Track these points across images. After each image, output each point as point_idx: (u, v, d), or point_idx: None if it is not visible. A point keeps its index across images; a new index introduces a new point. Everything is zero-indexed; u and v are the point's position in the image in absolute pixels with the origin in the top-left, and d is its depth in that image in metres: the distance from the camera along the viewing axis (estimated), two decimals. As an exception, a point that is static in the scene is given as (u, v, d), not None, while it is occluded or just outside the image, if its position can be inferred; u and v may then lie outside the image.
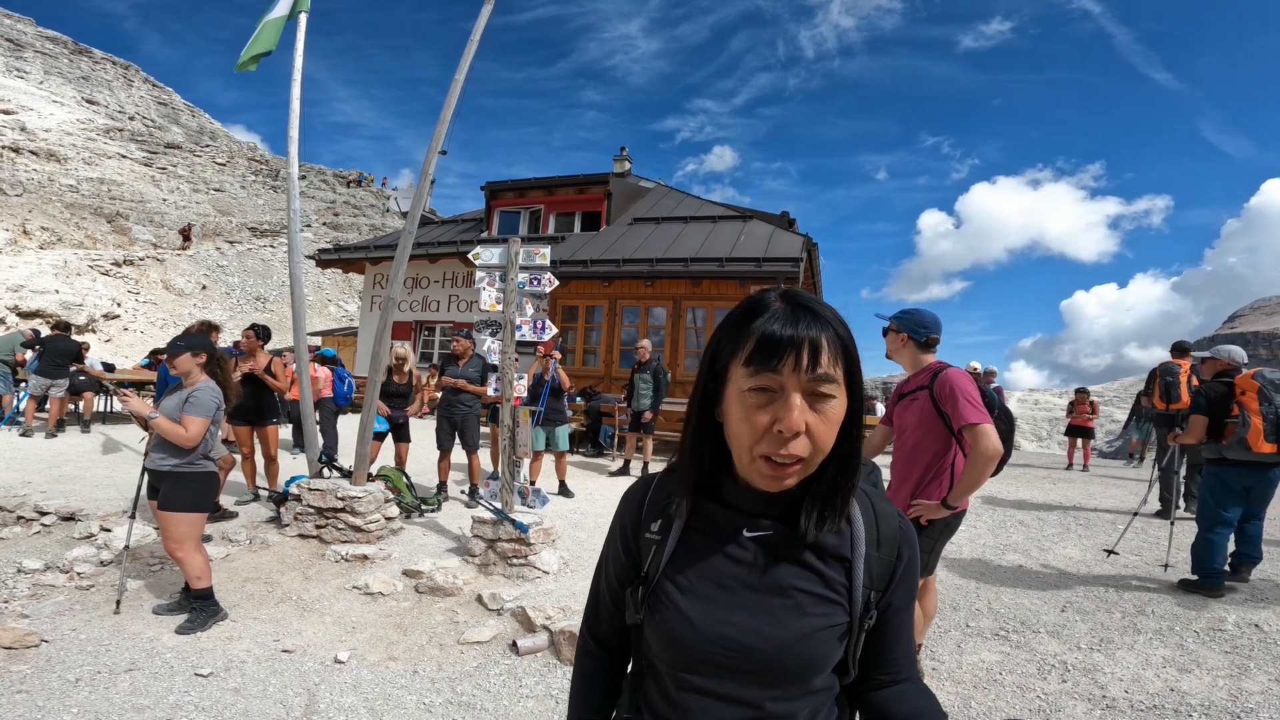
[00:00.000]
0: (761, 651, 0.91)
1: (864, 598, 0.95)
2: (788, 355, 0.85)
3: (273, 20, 6.25)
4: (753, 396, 0.87)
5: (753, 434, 0.87)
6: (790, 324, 0.87)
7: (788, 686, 0.92)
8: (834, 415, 0.88)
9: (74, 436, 9.80)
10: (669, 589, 0.97)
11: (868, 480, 1.11)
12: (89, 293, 23.33)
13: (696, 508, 1.00)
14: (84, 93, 48.90)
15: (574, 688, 1.16)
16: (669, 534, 1.01)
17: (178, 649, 3.62)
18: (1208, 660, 3.78)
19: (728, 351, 0.92)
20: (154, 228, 33.09)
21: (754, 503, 0.95)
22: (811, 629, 0.92)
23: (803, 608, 0.92)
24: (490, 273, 5.36)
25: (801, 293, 0.93)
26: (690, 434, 0.98)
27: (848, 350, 0.89)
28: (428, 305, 16.94)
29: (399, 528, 5.86)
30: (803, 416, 0.85)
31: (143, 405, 3.94)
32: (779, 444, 0.85)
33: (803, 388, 0.85)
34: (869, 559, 0.96)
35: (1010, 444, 3.14)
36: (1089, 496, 9.11)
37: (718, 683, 0.93)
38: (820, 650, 0.92)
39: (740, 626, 0.92)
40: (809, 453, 0.86)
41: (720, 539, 0.97)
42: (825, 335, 0.86)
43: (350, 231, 42.70)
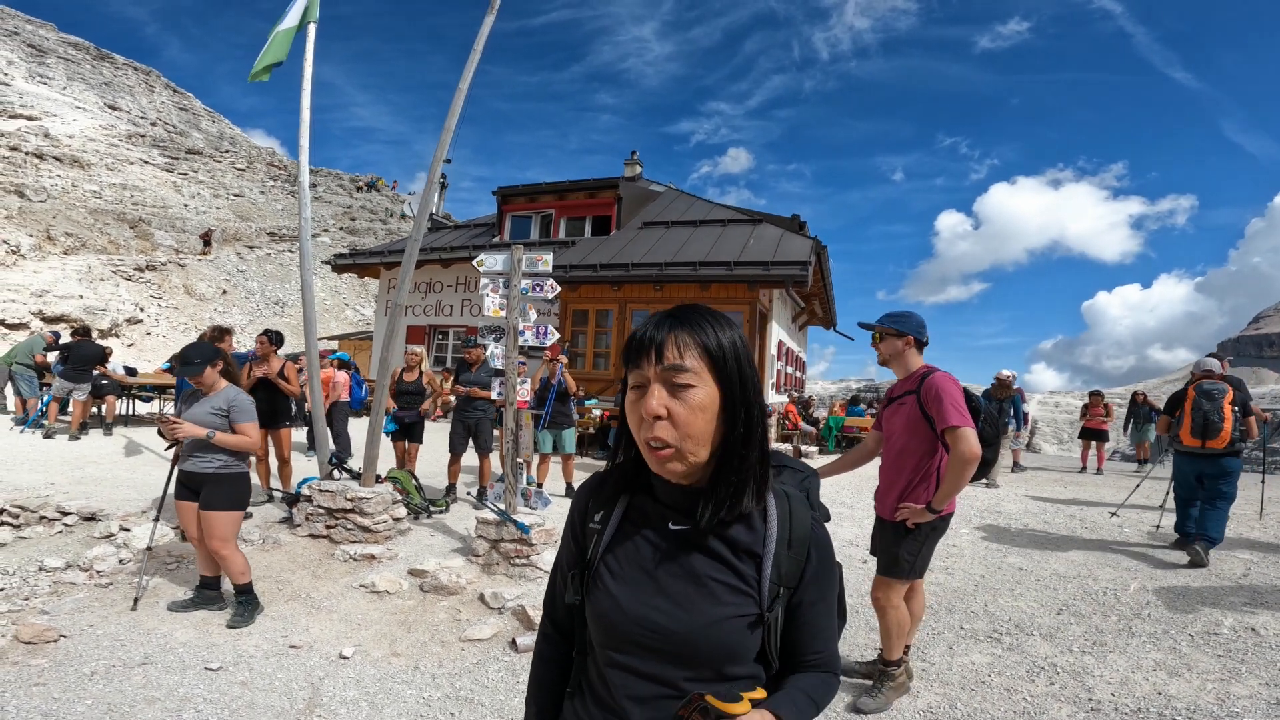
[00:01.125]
0: (677, 634, 1.01)
1: (771, 592, 1.03)
2: (646, 352, 0.99)
3: (283, 31, 6.41)
4: (633, 392, 1.02)
5: (634, 424, 1.02)
6: (652, 327, 1.02)
7: (700, 668, 1.01)
8: (694, 402, 0.98)
9: (96, 439, 10.04)
10: (603, 573, 1.09)
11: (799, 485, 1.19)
12: (112, 297, 23.78)
13: (632, 501, 1.12)
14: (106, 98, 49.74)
15: (531, 669, 1.26)
16: (608, 524, 1.12)
17: (190, 644, 3.76)
18: (1199, 664, 3.79)
19: (623, 360, 1.06)
20: (175, 233, 33.64)
21: (676, 496, 1.06)
22: (721, 616, 1.01)
23: (716, 596, 1.02)
24: (494, 279, 5.48)
25: (691, 306, 1.06)
26: (618, 433, 1.12)
27: (705, 346, 1.00)
28: (441, 309, 17.13)
29: (406, 528, 6.00)
30: (661, 403, 0.97)
31: (198, 430, 4.05)
32: (649, 429, 0.97)
33: (660, 378, 0.98)
34: (779, 556, 1.04)
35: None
36: (1098, 499, 9.09)
37: (640, 661, 1.03)
38: (730, 637, 1.01)
39: (660, 610, 1.02)
40: (674, 437, 0.97)
41: (649, 530, 1.08)
42: (676, 333, 0.99)
43: (367, 236, 43.15)
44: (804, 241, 13.69)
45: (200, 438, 4.06)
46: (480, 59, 5.95)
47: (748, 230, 14.83)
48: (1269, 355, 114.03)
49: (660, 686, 1.02)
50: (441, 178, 23.56)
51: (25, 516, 5.50)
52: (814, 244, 13.50)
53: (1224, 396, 5.94)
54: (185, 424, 4.02)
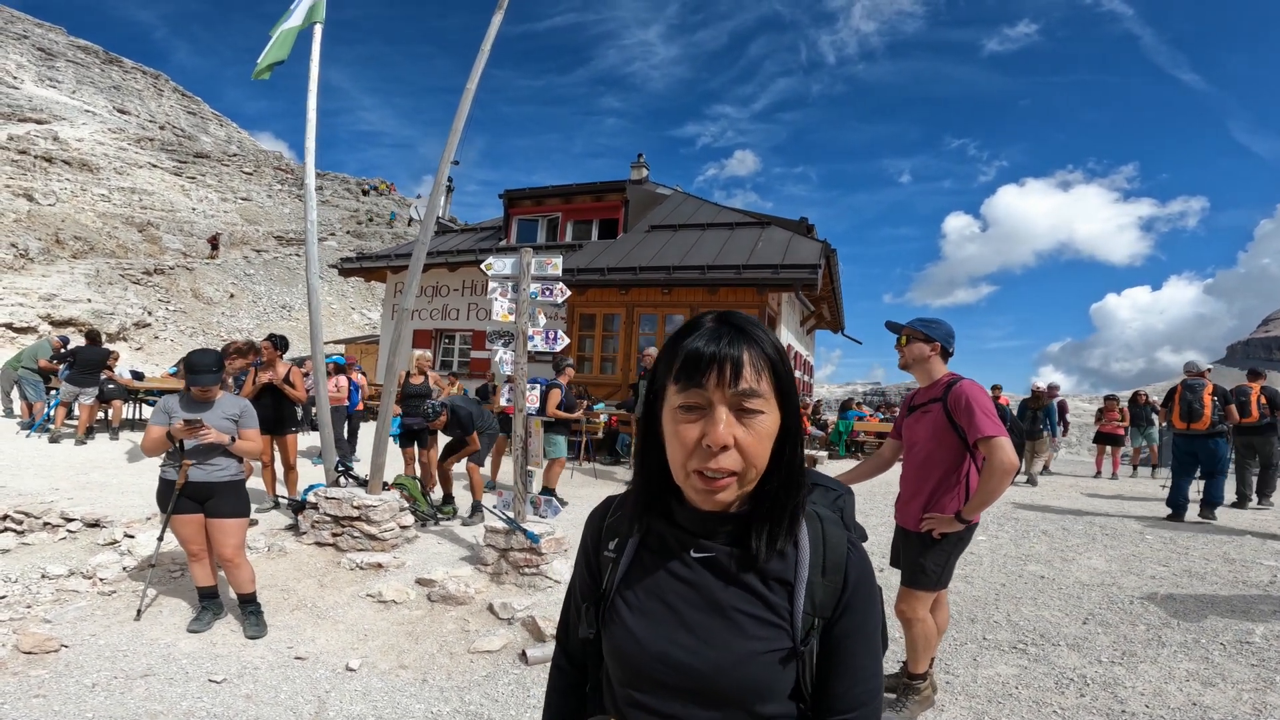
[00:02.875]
0: (701, 672, 0.91)
1: (805, 624, 0.93)
2: (711, 371, 0.87)
3: (288, 30, 6.33)
4: (683, 413, 0.89)
5: (684, 449, 0.89)
6: (715, 341, 0.90)
7: (729, 709, 0.91)
8: (763, 430, 0.89)
9: (103, 444, 10.00)
10: (620, 606, 0.99)
11: (833, 505, 1.10)
12: (120, 301, 23.82)
13: (650, 527, 1.01)
14: (115, 102, 50.05)
15: (545, 700, 1.18)
16: (624, 553, 1.03)
17: (193, 655, 3.67)
18: (1233, 673, 3.69)
19: (663, 371, 0.94)
20: (183, 237, 33.72)
21: (701, 523, 0.96)
22: (752, 652, 0.91)
23: (744, 630, 0.92)
24: (503, 283, 5.39)
25: (736, 314, 0.95)
26: (639, 452, 1.00)
27: (775, 367, 0.90)
28: (447, 313, 17.07)
29: (414, 536, 5.90)
30: (729, 430, 0.87)
31: (222, 436, 4.01)
32: (708, 458, 0.87)
33: (728, 402, 0.87)
34: (812, 585, 0.95)
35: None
36: (1117, 505, 8.94)
37: (661, 701, 0.94)
38: (760, 674, 0.91)
39: (682, 646, 0.93)
40: (740, 467, 0.88)
41: (669, 559, 0.98)
42: (750, 352, 0.89)
43: (373, 240, 43.21)
44: (813, 244, 13.58)
45: (224, 443, 4.02)
46: (487, 61, 5.87)
47: (756, 233, 14.73)
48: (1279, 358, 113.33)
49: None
50: (448, 181, 23.54)
51: (29, 523, 5.43)
52: (823, 246, 13.39)
53: (1204, 389, 7.76)
54: (213, 432, 3.96)
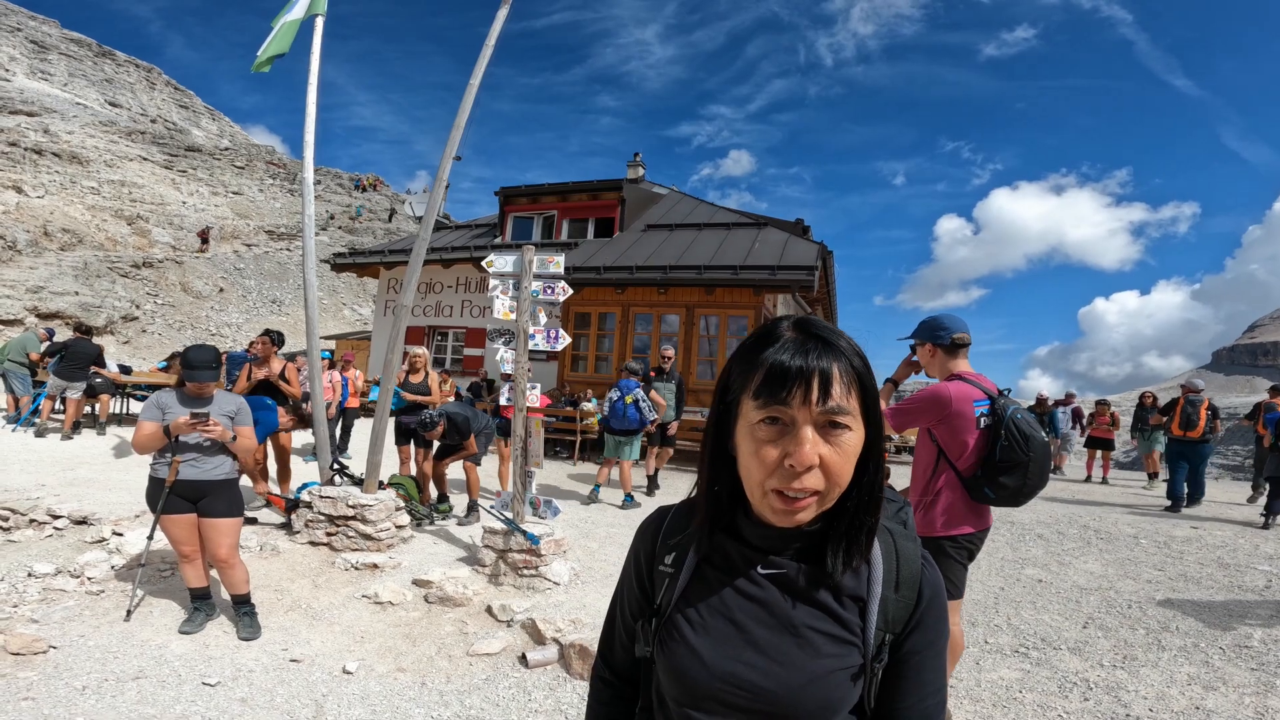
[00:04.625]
0: (772, 692, 0.88)
1: (877, 640, 0.91)
2: (797, 387, 0.82)
3: (289, 23, 6.25)
4: (763, 429, 0.84)
5: (763, 468, 0.84)
6: (800, 354, 0.84)
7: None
8: (849, 448, 0.84)
9: (89, 439, 9.86)
10: (680, 623, 0.95)
11: (896, 518, 1.07)
12: (108, 294, 23.54)
13: (712, 542, 0.97)
14: (107, 95, 49.51)
15: (589, 713, 1.14)
16: (682, 568, 0.98)
17: (186, 657, 3.60)
18: (1234, 677, 3.71)
19: (738, 384, 0.89)
20: (173, 230, 33.38)
21: (769, 539, 0.92)
22: (825, 671, 0.88)
23: (817, 648, 0.89)
24: (504, 281, 5.33)
25: (816, 321, 0.90)
26: (706, 467, 0.95)
27: (862, 381, 0.86)
28: (441, 310, 16.96)
29: (409, 536, 5.83)
30: (815, 450, 0.82)
31: (226, 432, 3.95)
32: (790, 478, 0.82)
33: (814, 420, 0.82)
34: (885, 600, 0.91)
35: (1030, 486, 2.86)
36: (1109, 509, 8.97)
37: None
38: (833, 693, 0.88)
39: (751, 665, 0.89)
40: (823, 486, 0.83)
41: (734, 575, 0.94)
42: (838, 366, 0.84)
43: (365, 235, 42.94)
44: (810, 246, 13.56)
45: (226, 440, 3.95)
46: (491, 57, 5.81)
47: (752, 234, 14.70)
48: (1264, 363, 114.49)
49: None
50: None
51: (15, 519, 5.32)
52: (820, 248, 13.38)
53: (1202, 404, 9.32)
54: (218, 428, 3.87)
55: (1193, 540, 6.95)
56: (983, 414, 2.92)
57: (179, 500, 3.93)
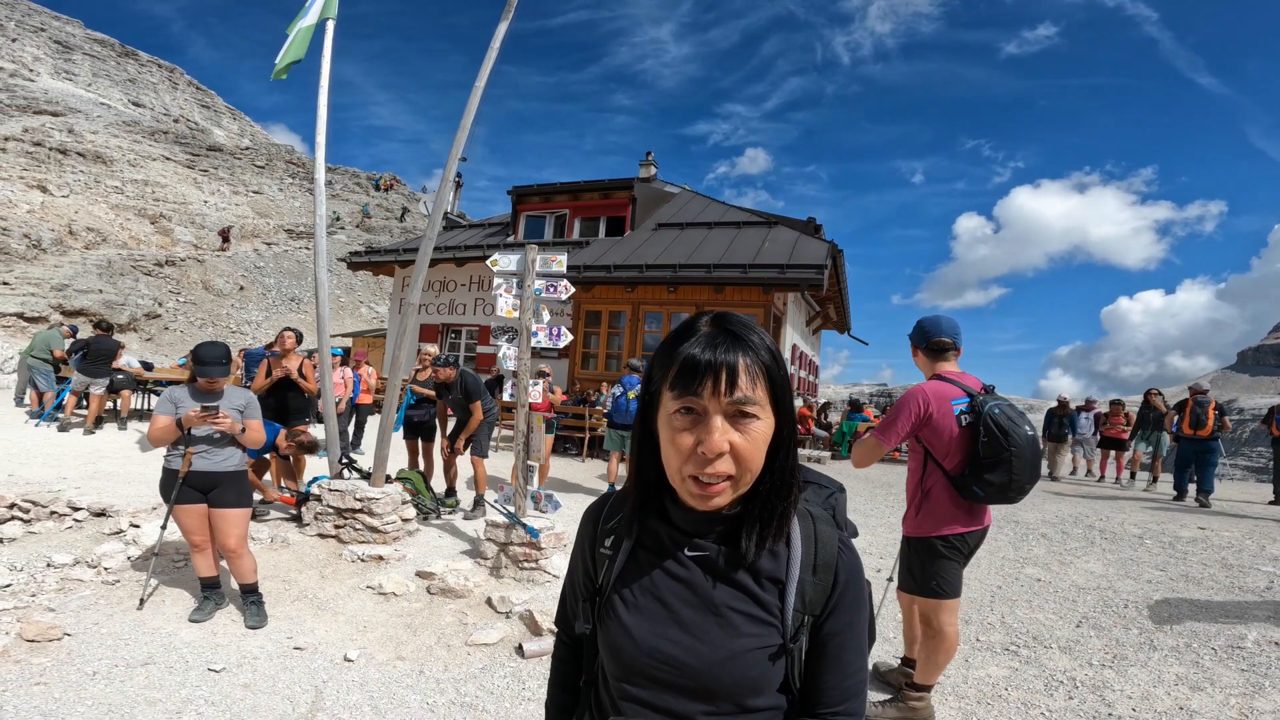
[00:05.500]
0: (693, 668, 0.94)
1: (795, 621, 0.96)
2: (707, 379, 0.88)
3: (304, 28, 6.39)
4: (678, 419, 0.90)
5: (679, 455, 0.90)
6: (711, 348, 0.90)
7: (719, 702, 0.94)
8: (758, 435, 0.90)
9: (111, 434, 10.11)
10: (616, 603, 1.02)
11: (825, 503, 1.12)
12: (131, 292, 24.01)
13: (645, 525, 1.03)
14: (130, 95, 50.37)
15: (551, 669, 1.23)
16: (619, 550, 1.05)
17: (194, 644, 3.73)
18: (1222, 678, 3.71)
19: (659, 376, 0.95)
20: (195, 229, 33.94)
21: (694, 522, 0.98)
22: (743, 649, 0.93)
23: (736, 627, 0.94)
24: (507, 279, 5.43)
25: (732, 317, 0.96)
26: (635, 454, 1.02)
27: (770, 374, 0.91)
28: (454, 308, 17.15)
29: (415, 529, 5.96)
30: (725, 437, 0.88)
31: (235, 425, 4.11)
32: (704, 464, 0.88)
33: (724, 410, 0.88)
34: (803, 583, 0.97)
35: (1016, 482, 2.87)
36: (1118, 509, 8.93)
37: (654, 695, 0.96)
38: (750, 670, 0.93)
39: (675, 642, 0.95)
40: (735, 471, 0.89)
41: (664, 557, 1.00)
42: (745, 359, 0.89)
43: (382, 234, 43.39)
44: (820, 245, 13.58)
45: (235, 432, 4.11)
46: (497, 60, 5.91)
47: (763, 233, 14.73)
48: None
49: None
50: (458, 176, 23.61)
51: (36, 511, 5.50)
52: (830, 247, 13.38)
53: (1209, 404, 9.86)
54: (227, 419, 4.03)
55: (1199, 541, 6.92)
56: (962, 411, 2.96)
57: (191, 491, 4.09)
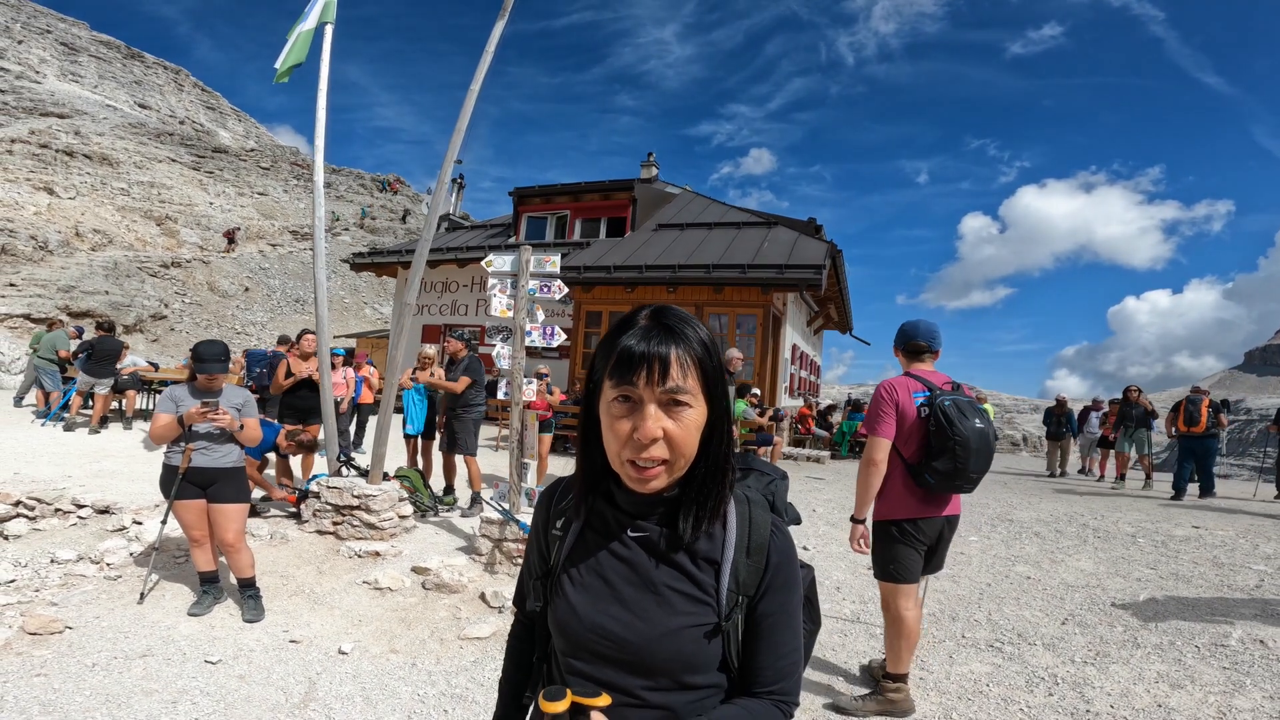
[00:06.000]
0: (631, 643, 0.99)
1: (730, 601, 1.00)
2: (641, 369, 0.94)
3: (304, 32, 6.47)
4: (616, 406, 0.96)
5: (618, 440, 0.96)
6: (645, 340, 0.96)
7: (658, 678, 1.00)
8: (691, 423, 0.96)
9: (116, 433, 10.23)
10: (564, 581, 1.07)
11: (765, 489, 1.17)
12: (137, 294, 24.19)
13: (593, 508, 1.09)
14: (136, 97, 50.65)
15: (507, 648, 1.28)
16: (569, 531, 1.11)
17: (192, 637, 3.82)
18: (1203, 676, 3.73)
19: (600, 366, 1.01)
20: (200, 230, 34.17)
21: (637, 504, 1.04)
22: (678, 626, 0.99)
23: (672, 606, 1.00)
24: (501, 279, 5.51)
25: (670, 311, 1.02)
26: (581, 440, 1.08)
27: (702, 364, 0.97)
28: (456, 309, 17.25)
29: (412, 526, 6.05)
30: (658, 424, 0.93)
31: (234, 421, 4.23)
32: (639, 449, 0.94)
33: (657, 398, 0.94)
34: (736, 564, 1.02)
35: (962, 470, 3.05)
36: (1113, 508, 8.96)
37: (597, 669, 1.02)
38: (686, 647, 0.99)
39: (615, 619, 1.01)
40: (669, 456, 0.95)
41: (609, 537, 1.06)
42: (677, 351, 0.95)
43: (386, 235, 43.57)
44: (819, 245, 13.63)
45: (235, 429, 4.22)
46: (496, 61, 5.99)
47: (762, 233, 14.79)
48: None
49: (621, 695, 1.00)
50: (459, 178, 23.72)
51: (41, 509, 5.60)
52: (829, 247, 13.43)
53: (1202, 402, 10.25)
54: (226, 415, 4.14)
55: (1192, 539, 6.96)
56: (921, 404, 3.16)
57: (190, 486, 4.19)
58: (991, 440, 3.09)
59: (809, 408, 16.48)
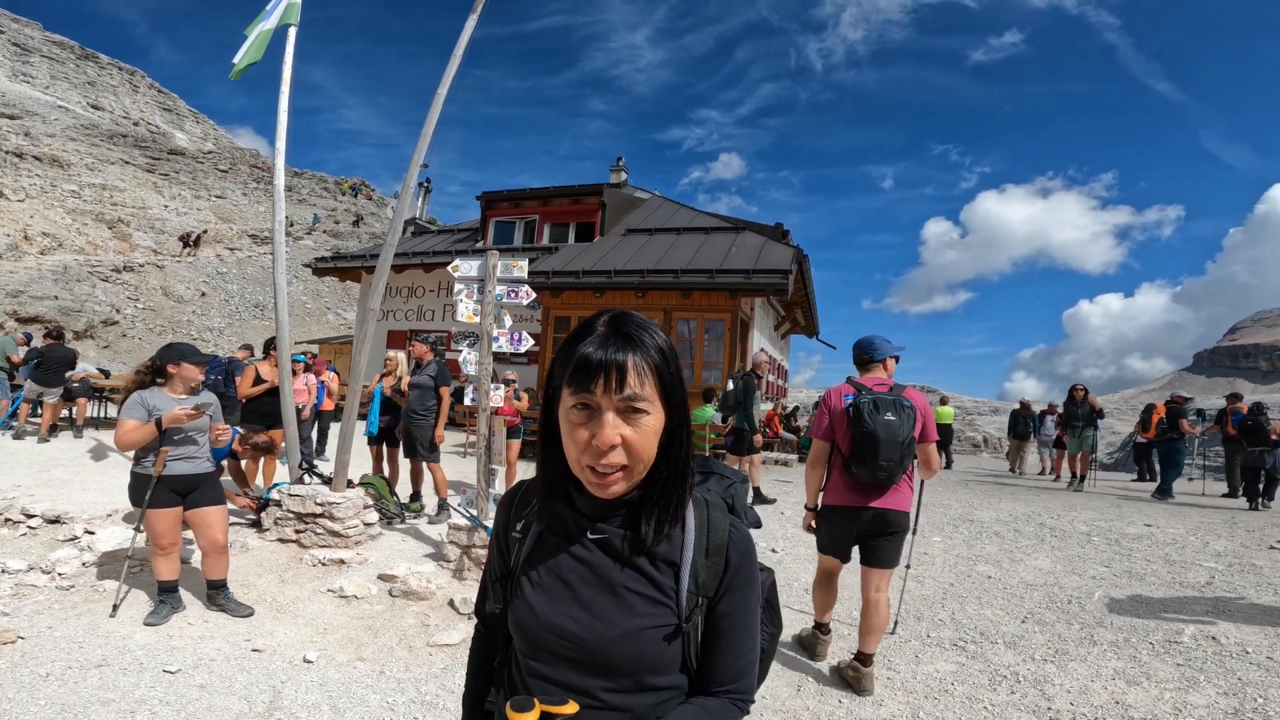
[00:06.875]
0: (589, 643, 1.00)
1: (690, 602, 1.02)
2: (599, 377, 0.94)
3: (264, 31, 6.36)
4: (575, 414, 0.97)
5: (577, 447, 0.97)
6: (603, 348, 0.96)
7: (618, 679, 1.00)
8: (649, 429, 0.97)
9: (66, 441, 9.89)
10: (524, 583, 1.08)
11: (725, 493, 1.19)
12: (88, 299, 23.47)
13: (553, 511, 1.09)
14: (89, 98, 49.29)
15: (469, 661, 1.28)
16: (529, 534, 1.11)
17: (149, 646, 3.71)
18: (1158, 673, 3.82)
19: (559, 373, 1.01)
20: (155, 234, 33.30)
21: (597, 508, 1.04)
22: (638, 627, 1.00)
23: (632, 607, 1.01)
24: (468, 284, 5.48)
25: (629, 318, 1.02)
26: (540, 444, 1.08)
27: (659, 371, 0.98)
28: (422, 314, 17.07)
29: (378, 533, 5.95)
30: (616, 431, 0.94)
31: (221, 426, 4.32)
32: (599, 455, 0.95)
33: (615, 406, 0.95)
34: (696, 566, 1.03)
35: (871, 460, 3.45)
36: (1069, 507, 9.20)
37: (557, 670, 1.02)
38: (646, 648, 1.00)
39: (574, 619, 1.01)
40: (628, 461, 0.96)
41: (569, 540, 1.07)
42: (634, 358, 0.96)
43: (351, 239, 42.92)
44: (785, 250, 13.78)
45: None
46: (466, 64, 5.97)
47: (730, 238, 14.90)
48: (1245, 366, 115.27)
49: (582, 696, 1.00)
50: (426, 181, 23.49)
51: (-11, 519, 5.41)
52: (795, 252, 13.59)
53: (1154, 411, 11.29)
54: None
55: (1144, 537, 7.17)
56: (849, 405, 3.60)
57: (168, 494, 4.12)
58: (900, 433, 3.44)
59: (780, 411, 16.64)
